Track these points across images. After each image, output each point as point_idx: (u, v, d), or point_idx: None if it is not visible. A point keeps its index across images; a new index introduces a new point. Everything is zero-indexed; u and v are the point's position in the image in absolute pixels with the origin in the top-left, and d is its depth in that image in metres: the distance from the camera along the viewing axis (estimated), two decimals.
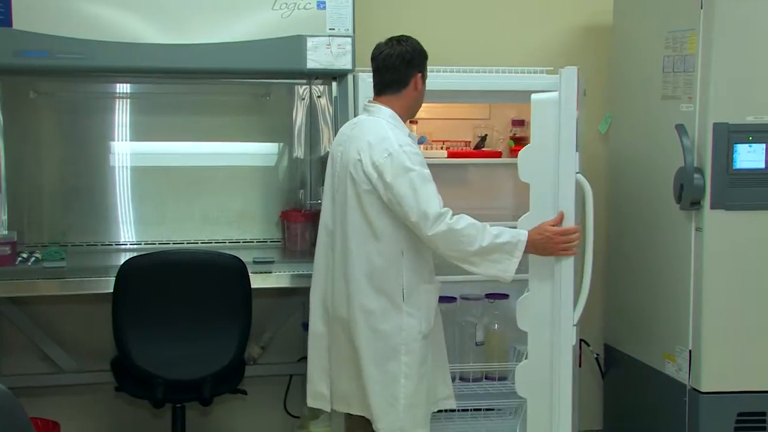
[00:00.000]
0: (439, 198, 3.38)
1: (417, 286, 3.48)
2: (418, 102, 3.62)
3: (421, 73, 3.56)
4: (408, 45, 3.56)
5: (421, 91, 3.60)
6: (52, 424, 4.01)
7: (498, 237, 3.40)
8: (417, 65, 3.55)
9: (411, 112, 3.64)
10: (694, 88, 3.99)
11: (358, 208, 3.42)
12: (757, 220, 3.99)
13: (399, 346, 3.44)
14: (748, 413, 4.02)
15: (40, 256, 4.18)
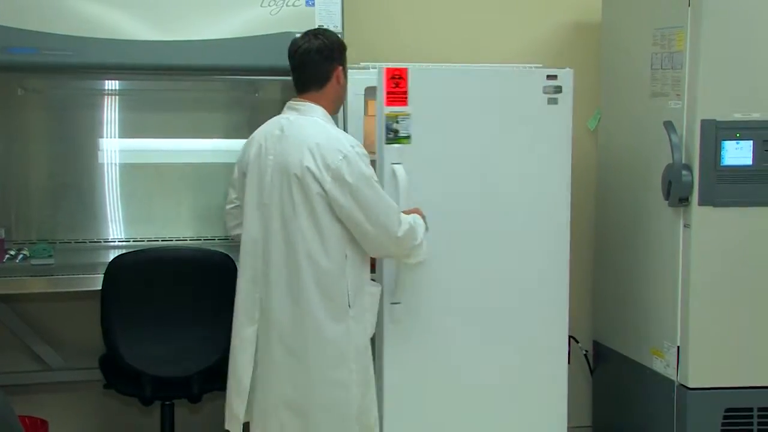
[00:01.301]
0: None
1: (361, 289, 3.46)
2: (340, 97, 3.58)
3: (341, 66, 3.49)
4: (325, 38, 3.47)
5: (344, 84, 3.55)
6: (41, 422, 4.01)
7: (418, 224, 3.52)
8: (337, 58, 3.47)
9: (335, 107, 3.58)
10: (682, 85, 4.00)
11: (307, 214, 3.33)
12: (745, 217, 4.00)
13: (347, 353, 3.41)
14: (736, 409, 4.04)
15: (28, 254, 4.17)
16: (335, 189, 3.28)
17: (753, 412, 4.04)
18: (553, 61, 4.39)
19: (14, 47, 3.80)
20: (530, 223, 4.08)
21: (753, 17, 3.94)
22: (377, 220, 3.35)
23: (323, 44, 3.44)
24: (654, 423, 4.26)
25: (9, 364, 4.44)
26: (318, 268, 3.33)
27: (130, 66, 4.09)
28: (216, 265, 3.84)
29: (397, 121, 3.86)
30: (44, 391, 4.43)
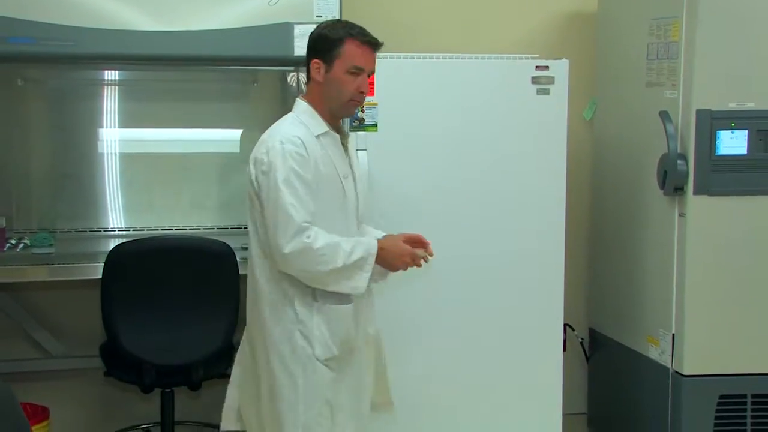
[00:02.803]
0: (305, 209, 3.07)
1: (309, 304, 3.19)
2: (330, 94, 3.18)
3: (319, 59, 3.16)
4: (312, 33, 3.26)
5: (328, 80, 3.17)
6: (42, 409, 4.02)
7: (351, 254, 3.10)
8: (313, 52, 3.19)
9: (330, 105, 3.21)
10: (677, 75, 4.01)
11: (249, 213, 3.22)
12: (740, 206, 4.02)
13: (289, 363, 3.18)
14: (730, 396, 4.06)
15: (28, 242, 4.19)
16: (258, 185, 3.12)
17: (747, 398, 4.06)
18: (549, 52, 4.39)
19: (13, 37, 3.78)
20: (526, 213, 4.11)
21: (748, 7, 3.95)
22: (271, 226, 3.07)
23: (309, 39, 3.25)
24: (649, 409, 4.27)
25: (10, 351, 4.44)
26: (262, 268, 3.18)
27: (129, 56, 4.09)
28: (215, 254, 3.84)
29: (362, 109, 3.93)
30: (45, 379, 4.43)
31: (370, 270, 3.15)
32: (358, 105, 3.27)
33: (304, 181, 3.08)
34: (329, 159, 3.19)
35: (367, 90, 3.25)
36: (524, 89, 4.04)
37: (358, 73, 3.17)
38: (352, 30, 3.19)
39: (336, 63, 3.16)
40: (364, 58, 3.18)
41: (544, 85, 4.05)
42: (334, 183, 3.21)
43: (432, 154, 3.98)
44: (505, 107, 4.02)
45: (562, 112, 4.06)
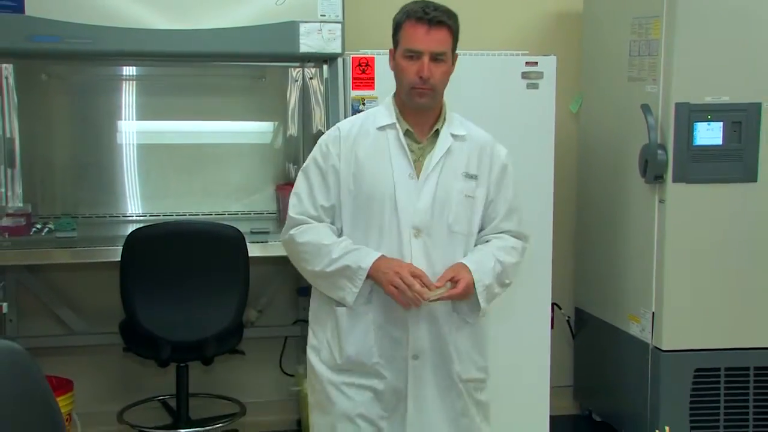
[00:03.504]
0: (311, 202, 2.75)
1: (321, 307, 2.86)
2: (398, 81, 2.78)
3: (393, 47, 2.80)
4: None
5: (395, 67, 2.78)
6: (66, 382, 4.02)
7: (337, 261, 2.67)
8: (393, 37, 2.80)
9: (399, 92, 2.80)
10: (657, 70, 4.02)
11: None
12: (715, 193, 4.03)
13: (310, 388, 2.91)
14: (705, 369, 4.08)
15: (52, 227, 4.20)
16: None
17: (720, 371, 4.08)
18: (538, 49, 4.37)
19: (38, 36, 3.78)
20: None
21: (723, 8, 3.94)
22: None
23: None
24: (630, 382, 4.28)
25: (36, 328, 4.45)
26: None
27: (145, 53, 4.09)
28: (226, 238, 3.85)
29: (363, 103, 3.90)
30: (69, 354, 4.43)
31: (359, 283, 2.67)
32: (424, 93, 2.70)
33: (322, 174, 2.75)
34: (385, 153, 2.75)
35: (430, 74, 2.67)
36: (515, 84, 4.02)
37: (415, 56, 2.68)
38: (411, 9, 2.72)
39: (397, 49, 2.76)
40: (417, 39, 2.67)
41: (533, 79, 4.04)
42: (381, 181, 2.72)
43: None
44: (497, 100, 4.01)
45: (550, 105, 4.06)
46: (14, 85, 4.37)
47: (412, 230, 2.71)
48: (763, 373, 4.10)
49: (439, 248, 2.75)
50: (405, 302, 2.62)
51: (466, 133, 2.83)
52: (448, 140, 2.79)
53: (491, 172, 2.84)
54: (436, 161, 2.75)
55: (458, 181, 2.77)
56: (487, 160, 2.84)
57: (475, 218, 2.81)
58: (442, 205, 2.75)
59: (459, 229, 2.78)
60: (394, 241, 2.72)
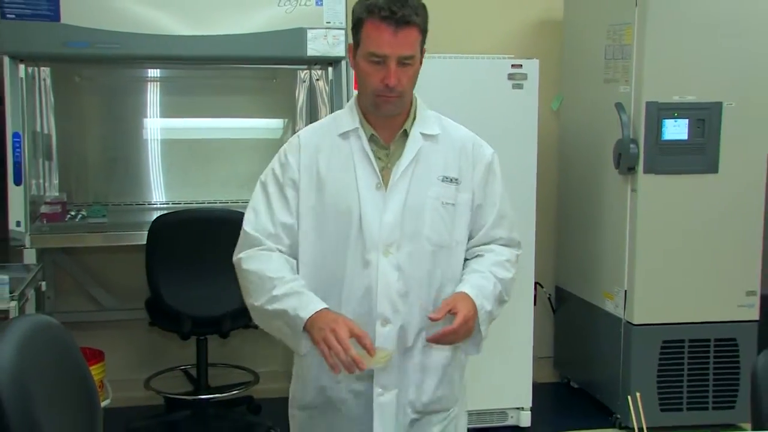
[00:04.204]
0: (269, 219, 2.25)
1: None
2: (358, 82, 2.23)
3: (353, 43, 2.22)
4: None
5: (356, 68, 2.21)
6: (98, 352, 4.02)
7: (277, 300, 2.14)
8: (353, 33, 2.21)
9: (361, 95, 2.25)
10: (630, 72, 4.03)
11: None
12: (681, 183, 4.04)
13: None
14: (671, 341, 4.10)
15: (85, 214, 4.21)
16: None
17: (684, 343, 4.11)
18: (522, 52, 4.37)
19: (71, 41, 3.77)
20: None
21: (688, 17, 3.96)
22: None
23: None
24: (604, 353, 4.30)
25: (71, 304, 4.47)
26: None
27: (168, 57, 4.11)
28: (239, 223, 3.76)
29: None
30: (100, 327, 4.45)
31: (299, 334, 2.12)
32: (389, 101, 2.18)
33: (280, 186, 2.25)
34: (348, 162, 2.23)
35: (397, 82, 2.14)
36: (501, 84, 4.02)
37: (380, 61, 2.13)
38: (373, 5, 2.12)
39: (359, 49, 2.18)
40: (382, 42, 2.11)
41: (518, 81, 4.03)
42: (345, 194, 2.22)
43: None
44: (486, 99, 4.01)
45: (533, 104, 4.05)
46: (51, 87, 4.36)
47: (380, 248, 2.18)
48: (721, 344, 4.12)
49: (415, 266, 2.22)
50: (335, 365, 2.03)
51: (441, 131, 2.30)
52: (419, 141, 2.26)
53: (474, 174, 2.31)
54: (404, 166, 2.22)
55: (433, 186, 2.24)
56: (469, 160, 2.31)
57: (459, 227, 2.27)
58: (414, 216, 2.22)
59: (438, 241, 2.24)
60: (358, 262, 2.20)
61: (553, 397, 4.68)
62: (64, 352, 2.05)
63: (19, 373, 1.78)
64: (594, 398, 4.47)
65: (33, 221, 3.95)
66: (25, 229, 3.83)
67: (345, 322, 2.07)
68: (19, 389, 1.76)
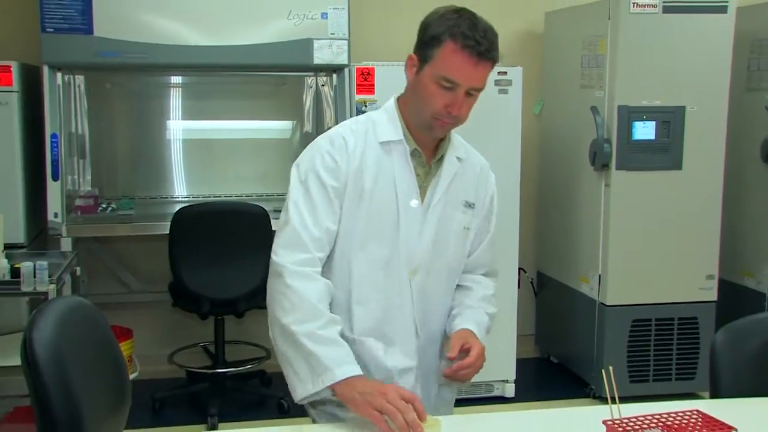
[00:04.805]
0: (311, 219, 1.95)
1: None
2: (415, 100, 1.97)
3: (416, 53, 1.96)
4: (428, 15, 1.99)
5: (416, 83, 1.95)
6: (127, 330, 3.99)
7: (314, 338, 1.85)
8: (417, 41, 1.98)
9: (412, 109, 1.99)
10: (604, 79, 4.03)
11: None
12: (649, 178, 4.05)
13: None
14: (639, 320, 4.11)
15: (115, 206, 4.21)
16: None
17: (651, 321, 4.12)
18: (507, 61, 4.24)
19: (102, 51, 3.78)
20: None
21: (655, 30, 3.96)
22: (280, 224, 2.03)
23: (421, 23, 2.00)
24: (581, 331, 4.31)
25: (103, 287, 4.48)
26: None
27: (188, 65, 4.11)
28: (254, 215, 3.85)
29: (365, 105, 3.86)
30: (128, 308, 4.45)
31: (320, 386, 1.84)
32: (444, 126, 1.96)
33: (326, 190, 1.97)
34: (389, 175, 1.99)
35: (461, 111, 1.92)
36: (488, 90, 3.69)
37: (451, 87, 1.90)
38: (457, 27, 1.88)
39: (427, 65, 1.92)
40: (463, 72, 1.89)
41: (503, 86, 4.02)
42: (384, 207, 1.99)
43: None
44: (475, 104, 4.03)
45: (517, 108, 4.06)
46: (84, 92, 4.36)
47: (410, 267, 2.01)
48: (684, 322, 4.14)
49: (435, 288, 2.08)
50: (390, 430, 1.74)
51: (466, 155, 2.12)
52: (455, 165, 2.07)
53: (484, 201, 2.16)
54: (443, 191, 2.04)
55: (458, 211, 2.08)
56: (483, 188, 2.16)
57: (467, 251, 2.14)
58: (443, 240, 2.06)
59: (456, 267, 2.11)
60: (394, 279, 2.01)
61: (535, 371, 4.68)
62: (96, 329, 2.06)
63: (57, 347, 1.80)
64: (571, 371, 4.48)
65: (69, 213, 3.96)
66: (61, 220, 3.84)
67: (394, 387, 1.80)
68: (57, 362, 1.78)
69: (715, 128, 4.08)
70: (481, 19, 1.94)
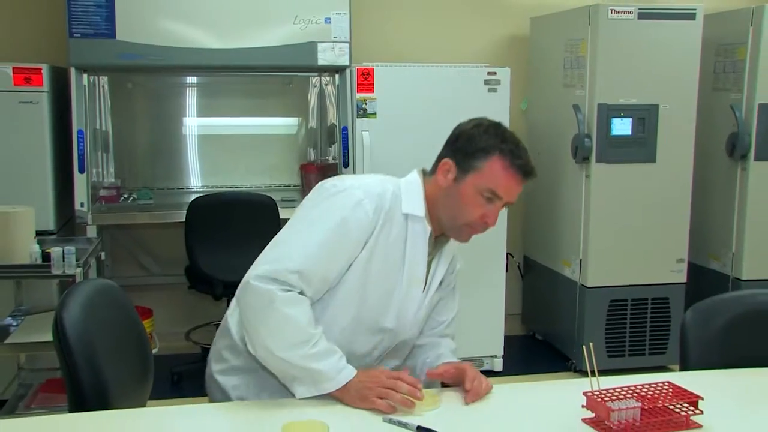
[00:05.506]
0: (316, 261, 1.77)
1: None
2: (448, 205, 1.87)
3: (453, 160, 1.86)
4: (467, 125, 1.92)
5: (453, 189, 1.85)
6: (147, 310, 3.98)
7: (312, 358, 1.74)
8: (451, 148, 1.88)
9: (443, 216, 1.89)
10: (584, 79, 4.03)
11: None
12: (626, 170, 4.05)
13: None
14: (616, 300, 4.12)
15: (136, 196, 4.22)
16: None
17: (627, 302, 4.13)
18: (496, 62, 4.37)
19: (124, 54, 3.78)
20: None
21: (631, 33, 3.95)
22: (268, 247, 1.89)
23: (456, 129, 1.93)
24: (563, 310, 4.32)
25: (125, 270, 4.48)
26: None
27: (203, 66, 4.09)
28: (263, 204, 3.86)
29: (365, 102, 3.86)
30: (149, 290, 4.45)
31: (322, 392, 1.77)
32: (474, 234, 1.88)
33: (343, 241, 1.79)
34: (401, 247, 1.86)
35: (494, 222, 1.87)
36: (479, 88, 4.01)
37: (492, 199, 1.84)
38: (504, 144, 1.85)
39: (470, 176, 1.83)
40: (510, 189, 1.85)
41: (492, 85, 4.02)
42: (390, 278, 1.86)
43: (414, 134, 3.85)
44: (466, 101, 3.95)
45: (505, 105, 4.03)
46: (108, 92, 4.36)
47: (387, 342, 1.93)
48: (656, 302, 4.15)
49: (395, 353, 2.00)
50: (392, 408, 1.72)
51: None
52: (451, 253, 2.00)
53: (453, 279, 2.08)
54: (441, 276, 1.97)
55: (438, 292, 2.01)
56: (452, 265, 2.06)
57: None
58: (423, 320, 1.99)
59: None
60: (365, 336, 1.89)
61: (521, 347, 4.68)
62: (122, 309, 2.08)
63: (85, 326, 1.81)
64: (554, 347, 4.49)
65: (94, 203, 3.96)
66: (87, 209, 3.85)
67: (381, 371, 1.79)
68: (85, 339, 1.80)
69: (686, 125, 4.08)
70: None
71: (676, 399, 1.79)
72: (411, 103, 3.97)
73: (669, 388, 1.82)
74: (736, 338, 2.14)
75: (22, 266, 3.00)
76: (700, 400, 1.77)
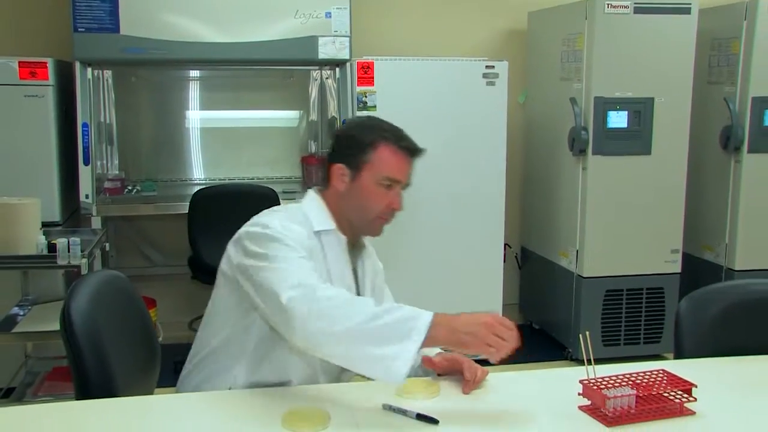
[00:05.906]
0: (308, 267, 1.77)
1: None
2: (353, 206, 1.90)
3: (344, 164, 1.89)
4: (338, 130, 2.08)
5: (353, 190, 1.89)
6: (151, 300, 3.99)
7: (384, 314, 1.62)
8: (337, 154, 1.93)
9: (351, 218, 1.92)
10: (581, 72, 4.02)
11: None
12: (622, 162, 4.04)
13: None
14: (612, 290, 4.13)
15: (139, 188, 4.22)
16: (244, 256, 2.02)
17: (623, 291, 4.14)
18: (494, 55, 4.38)
19: (128, 48, 3.77)
20: (479, 167, 4.10)
21: (628, 28, 3.95)
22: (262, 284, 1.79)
23: (337, 135, 2.02)
24: (560, 300, 4.33)
25: (129, 261, 4.48)
26: None
27: (206, 60, 4.08)
28: (265, 196, 3.87)
29: (365, 95, 3.87)
30: (152, 280, 4.46)
31: (420, 342, 1.60)
32: (386, 223, 1.91)
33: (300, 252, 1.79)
34: (322, 265, 1.88)
35: (400, 206, 1.90)
36: (477, 82, 4.03)
37: (391, 185, 1.88)
38: (386, 132, 1.90)
39: (365, 170, 1.88)
40: (401, 169, 1.89)
41: (491, 79, 4.03)
42: None
43: (414, 126, 3.65)
44: (464, 94, 4.01)
45: (503, 98, 4.06)
46: (112, 85, 4.36)
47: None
48: (651, 292, 4.16)
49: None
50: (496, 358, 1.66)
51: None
52: (371, 256, 2.04)
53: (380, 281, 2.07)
54: (371, 282, 2.01)
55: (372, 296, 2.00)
56: (377, 270, 2.08)
57: None
58: None
59: None
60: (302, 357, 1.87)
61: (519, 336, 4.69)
62: (128, 298, 2.09)
63: (92, 316, 1.82)
64: (551, 336, 4.50)
65: (98, 194, 3.96)
66: (92, 201, 3.85)
67: (494, 317, 1.67)
68: (92, 329, 1.80)
69: (680, 118, 4.08)
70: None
71: (670, 386, 1.80)
72: (410, 96, 3.98)
73: (663, 375, 1.83)
74: (729, 327, 2.14)
75: (28, 257, 3.02)
76: (694, 388, 1.78)
